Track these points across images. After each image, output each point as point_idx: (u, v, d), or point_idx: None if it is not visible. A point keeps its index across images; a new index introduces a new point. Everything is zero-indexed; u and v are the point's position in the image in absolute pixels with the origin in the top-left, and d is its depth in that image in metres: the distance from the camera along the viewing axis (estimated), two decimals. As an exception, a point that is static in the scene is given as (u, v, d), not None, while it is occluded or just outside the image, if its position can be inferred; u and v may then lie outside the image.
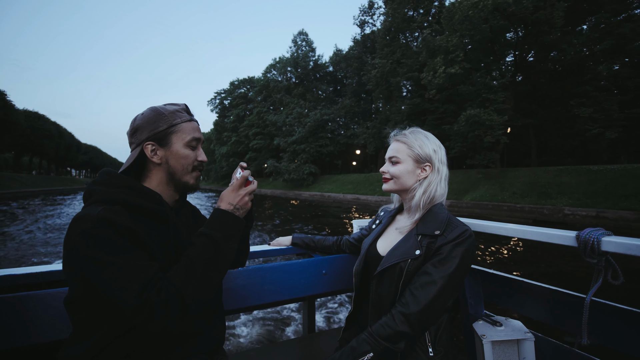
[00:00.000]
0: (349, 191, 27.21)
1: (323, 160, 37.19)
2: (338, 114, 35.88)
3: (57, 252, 7.49)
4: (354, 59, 36.76)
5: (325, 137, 35.57)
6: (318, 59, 43.28)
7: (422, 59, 18.87)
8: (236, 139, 49.86)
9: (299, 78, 42.50)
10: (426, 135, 1.11)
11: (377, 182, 26.11)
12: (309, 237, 1.59)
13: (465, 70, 16.19)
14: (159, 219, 0.84)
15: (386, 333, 0.89)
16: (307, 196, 31.15)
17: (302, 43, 43.39)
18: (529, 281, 1.13)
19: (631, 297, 4.24)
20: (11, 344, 0.93)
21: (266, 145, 44.54)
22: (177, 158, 0.90)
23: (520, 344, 1.09)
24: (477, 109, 15.40)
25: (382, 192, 21.16)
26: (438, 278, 0.90)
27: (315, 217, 15.69)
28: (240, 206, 0.90)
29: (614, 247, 0.84)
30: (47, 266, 1.14)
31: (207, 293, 0.78)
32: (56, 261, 6.32)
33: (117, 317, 0.71)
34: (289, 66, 43.37)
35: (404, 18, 24.01)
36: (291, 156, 37.09)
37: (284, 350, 1.46)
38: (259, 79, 50.81)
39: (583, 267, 6.03)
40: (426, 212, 1.05)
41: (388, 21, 25.30)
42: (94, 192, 0.81)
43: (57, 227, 11.18)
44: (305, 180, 35.03)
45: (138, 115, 0.91)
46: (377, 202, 22.53)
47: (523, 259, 7.14)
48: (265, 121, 43.91)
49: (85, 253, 0.69)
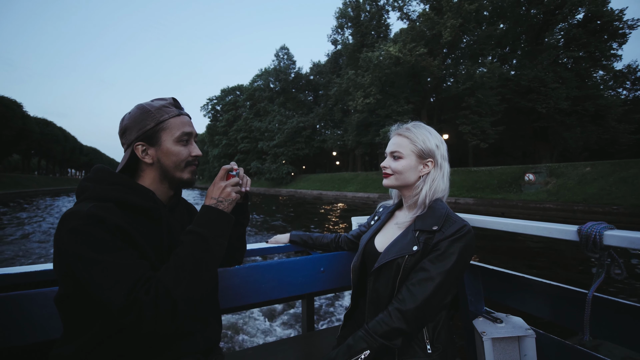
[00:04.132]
0: (315, 188, 32.85)
1: (301, 161, 42.86)
2: (312, 121, 41.44)
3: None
4: (326, 73, 42.34)
5: (302, 142, 41.16)
6: (298, 71, 48.70)
7: (351, 90, 24.58)
8: (226, 142, 55.21)
9: (281, 88, 47.82)
10: (429, 130, 1.08)
11: (338, 180, 31.84)
12: (307, 235, 1.54)
13: (379, 100, 21.92)
14: (151, 217, 0.83)
15: (382, 330, 0.88)
16: (285, 192, 36.76)
17: (284, 57, 48.76)
18: (530, 277, 1.10)
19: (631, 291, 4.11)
20: (4, 343, 0.92)
21: (252, 148, 49.88)
22: (168, 156, 0.87)
23: (521, 340, 1.05)
24: (388, 127, 21.12)
25: (340, 188, 27.07)
26: (435, 274, 0.89)
27: (286, 206, 21.32)
28: (223, 198, 0.87)
29: (616, 241, 0.82)
30: (39, 265, 1.14)
31: (198, 291, 0.75)
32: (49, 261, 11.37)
33: (107, 316, 0.70)
34: (272, 77, 48.76)
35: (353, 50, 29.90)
36: (272, 158, 42.68)
37: (283, 348, 1.44)
38: (247, 87, 56.21)
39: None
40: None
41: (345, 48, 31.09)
42: (85, 189, 0.80)
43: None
44: (284, 179, 40.77)
45: (126, 114, 0.89)
46: (335, 196, 28.07)
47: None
48: (251, 127, 49.39)
49: (74, 250, 0.68)
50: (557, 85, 19.93)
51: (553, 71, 20.33)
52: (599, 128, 20.56)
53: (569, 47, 20.34)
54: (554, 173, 16.02)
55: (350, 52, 30.73)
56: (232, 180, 0.91)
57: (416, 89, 22.63)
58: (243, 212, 1.07)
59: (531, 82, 20.62)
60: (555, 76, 20.20)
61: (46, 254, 7.30)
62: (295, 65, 48.66)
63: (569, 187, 14.51)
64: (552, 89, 19.96)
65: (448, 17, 19.53)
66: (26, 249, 7.93)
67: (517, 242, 8.31)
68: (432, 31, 19.75)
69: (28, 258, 7.05)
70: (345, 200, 25.46)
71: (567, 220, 12.51)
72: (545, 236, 1.00)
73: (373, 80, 21.77)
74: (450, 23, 19.06)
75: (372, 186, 25.66)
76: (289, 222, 13.20)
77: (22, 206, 20.06)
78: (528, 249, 7.83)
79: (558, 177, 15.67)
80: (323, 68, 44.54)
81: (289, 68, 48.04)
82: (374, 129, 26.75)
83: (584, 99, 20.25)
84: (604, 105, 20.00)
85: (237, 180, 0.93)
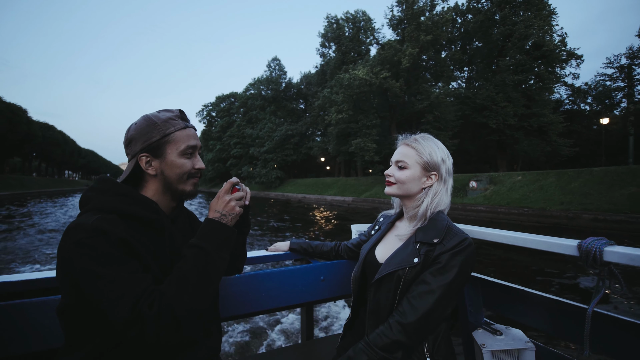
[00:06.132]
0: (301, 192, 35.50)
1: (290, 167, 45.54)
2: (301, 129, 44.22)
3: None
4: (314, 84, 45.25)
5: (290, 148, 43.90)
6: (289, 81, 51.52)
7: (327, 106, 27.55)
8: (220, 147, 57.81)
9: (272, 97, 50.55)
10: (436, 143, 1.09)
11: (320, 184, 34.55)
12: (306, 243, 1.55)
13: (350, 116, 24.87)
14: (154, 228, 0.84)
15: (383, 343, 0.89)
16: (274, 196, 39.36)
17: (275, 67, 51.63)
18: (530, 290, 1.10)
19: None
20: (7, 352, 0.92)
21: (244, 154, 52.44)
22: (172, 168, 0.89)
23: (520, 353, 1.05)
24: (359, 139, 24.10)
25: (321, 192, 29.85)
26: (436, 287, 0.89)
27: (271, 206, 23.91)
28: (227, 212, 0.88)
29: (616, 258, 0.82)
30: (42, 273, 1.14)
31: (201, 305, 0.77)
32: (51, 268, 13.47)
33: (110, 328, 0.70)
34: (263, 86, 51.52)
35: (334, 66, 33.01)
36: (263, 163, 45.35)
37: (282, 357, 1.44)
38: (241, 95, 58.99)
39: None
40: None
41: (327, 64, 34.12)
42: (89, 199, 0.81)
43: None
44: (273, 183, 43.46)
45: (132, 125, 0.90)
46: (316, 199, 30.71)
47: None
48: (243, 133, 52.09)
49: (79, 264, 0.69)
50: (506, 104, 22.89)
51: (503, 91, 23.31)
52: (542, 142, 23.50)
53: (516, 71, 23.33)
54: (493, 181, 18.82)
55: (332, 68, 33.75)
56: (237, 194, 0.93)
57: (384, 105, 25.68)
58: (244, 220, 1.08)
59: (484, 100, 23.61)
60: (504, 96, 23.17)
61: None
62: (286, 76, 51.45)
63: (501, 193, 17.30)
64: (501, 107, 22.93)
65: (407, 46, 22.51)
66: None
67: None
68: (395, 57, 22.77)
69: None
70: (324, 202, 28.16)
71: (493, 220, 15.27)
72: (545, 250, 0.99)
73: (345, 98, 24.79)
74: (409, 52, 21.99)
75: (348, 191, 28.37)
76: (270, 218, 15.78)
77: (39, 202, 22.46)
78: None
79: (496, 184, 18.46)
80: (312, 79, 47.41)
81: (280, 78, 50.84)
82: (351, 139, 29.69)
83: (530, 116, 23.22)
84: (547, 122, 22.95)
85: (242, 195, 0.94)
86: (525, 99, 23.36)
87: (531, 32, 22.34)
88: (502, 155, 25.91)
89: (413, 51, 21.97)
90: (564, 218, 13.08)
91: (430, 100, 22.12)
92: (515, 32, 22.71)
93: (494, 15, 24.25)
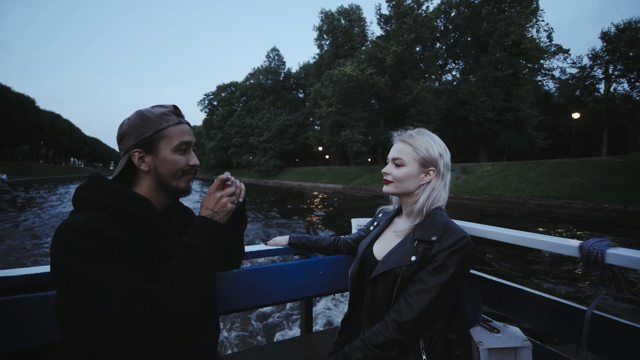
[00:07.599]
0: (297, 179, 37.59)
1: (288, 156, 47.48)
2: (298, 119, 45.87)
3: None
4: (311, 75, 46.53)
5: (288, 138, 45.72)
6: (288, 71, 52.74)
7: (318, 100, 29.35)
8: (221, 136, 59.47)
9: (271, 87, 51.91)
10: (432, 138, 1.07)
11: (315, 173, 36.62)
12: (306, 237, 1.55)
13: (339, 109, 26.66)
14: (147, 226, 0.83)
15: (378, 340, 0.89)
16: (272, 183, 41.52)
17: (275, 58, 52.76)
18: (529, 290, 1.11)
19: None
20: (7, 346, 0.93)
21: (244, 142, 54.17)
22: (165, 164, 0.87)
23: (517, 352, 1.05)
24: (348, 130, 25.99)
25: (315, 180, 32.19)
26: (433, 286, 0.89)
27: (268, 193, 26.04)
28: (219, 209, 0.87)
29: (618, 260, 0.81)
30: (39, 268, 1.14)
31: (193, 304, 0.76)
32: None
33: (104, 327, 0.69)
34: (263, 76, 52.79)
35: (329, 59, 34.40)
36: (262, 152, 47.30)
37: (280, 350, 1.45)
38: (241, 84, 60.30)
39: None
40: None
41: (322, 57, 35.53)
42: (81, 197, 0.80)
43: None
44: (272, 171, 45.56)
45: (125, 120, 0.89)
46: (310, 186, 32.72)
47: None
48: (243, 123, 53.74)
49: (70, 263, 0.68)
50: (485, 99, 24.51)
51: (483, 87, 24.89)
52: (519, 134, 25.23)
53: (496, 68, 24.84)
54: (465, 170, 20.72)
55: (326, 60, 35.18)
56: (228, 190, 0.91)
57: (371, 99, 27.40)
58: (240, 216, 1.07)
59: (466, 95, 25.23)
60: (485, 91, 24.77)
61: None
62: (285, 66, 52.63)
63: (470, 182, 19.25)
64: (481, 101, 24.56)
65: (392, 44, 23.94)
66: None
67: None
68: (380, 54, 24.35)
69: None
70: (317, 189, 30.23)
71: (459, 205, 17.28)
72: (546, 250, 0.98)
73: (334, 93, 26.49)
74: (393, 49, 23.44)
75: (340, 179, 30.39)
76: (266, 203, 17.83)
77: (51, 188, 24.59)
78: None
79: (467, 173, 20.38)
80: (310, 70, 48.56)
81: (279, 68, 52.05)
82: (342, 130, 31.59)
83: (508, 110, 24.88)
84: (522, 116, 24.61)
85: (233, 190, 0.92)
86: (505, 94, 24.95)
87: (512, 29, 23.72)
88: (484, 147, 27.67)
89: (397, 49, 23.42)
90: (515, 204, 15.10)
91: (413, 95, 23.83)
92: (497, 30, 24.09)
93: (481, 12, 25.50)
